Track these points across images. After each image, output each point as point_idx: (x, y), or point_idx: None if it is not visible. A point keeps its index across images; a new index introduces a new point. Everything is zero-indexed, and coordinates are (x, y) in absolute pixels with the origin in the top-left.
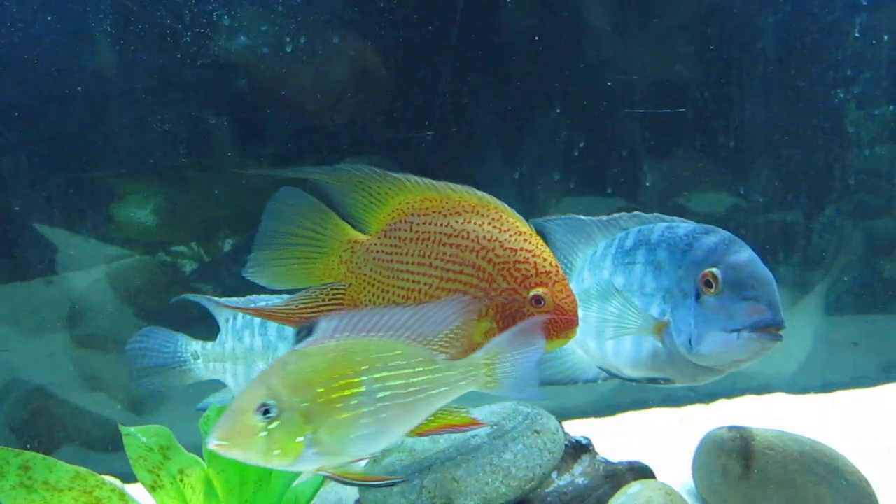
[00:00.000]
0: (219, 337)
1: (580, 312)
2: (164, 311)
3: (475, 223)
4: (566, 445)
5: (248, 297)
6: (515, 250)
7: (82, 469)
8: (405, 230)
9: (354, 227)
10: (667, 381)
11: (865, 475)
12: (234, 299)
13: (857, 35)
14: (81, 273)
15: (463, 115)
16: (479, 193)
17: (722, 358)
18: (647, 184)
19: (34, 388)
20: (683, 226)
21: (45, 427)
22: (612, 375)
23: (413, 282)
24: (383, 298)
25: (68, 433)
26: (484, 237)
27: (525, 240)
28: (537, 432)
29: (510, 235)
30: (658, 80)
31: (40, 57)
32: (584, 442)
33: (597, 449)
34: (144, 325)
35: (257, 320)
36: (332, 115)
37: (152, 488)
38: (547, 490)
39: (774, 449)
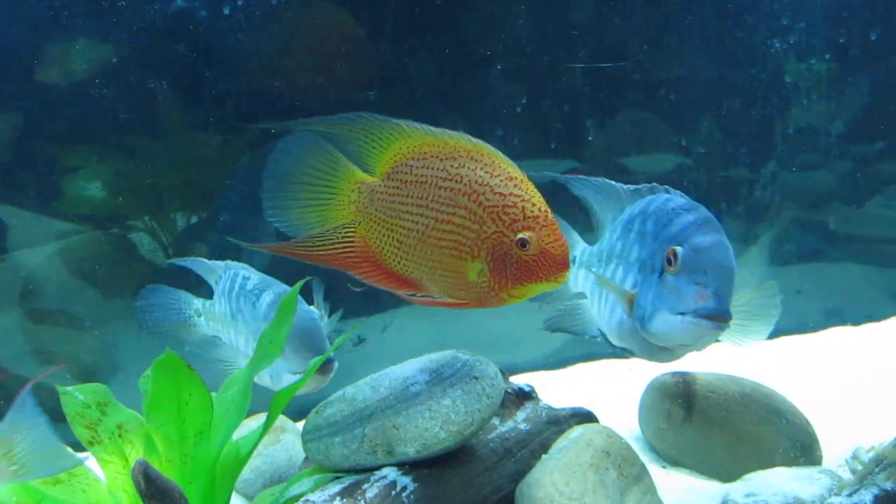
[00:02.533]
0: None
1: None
2: (119, 284)
3: (469, 168)
4: (509, 392)
5: (226, 262)
6: (505, 195)
7: None
8: (406, 173)
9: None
10: (632, 353)
11: (806, 415)
12: (218, 263)
13: None
14: (33, 250)
15: (404, 74)
16: (474, 140)
17: (668, 339)
18: (590, 138)
19: None
20: (677, 199)
21: None
22: (602, 336)
23: (413, 222)
24: (389, 237)
25: None
26: (476, 181)
27: (515, 185)
28: (476, 378)
29: (501, 180)
30: (598, 34)
31: None
32: (526, 389)
33: (542, 398)
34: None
35: (236, 287)
36: (272, 79)
37: (90, 444)
38: (489, 436)
39: (716, 392)
